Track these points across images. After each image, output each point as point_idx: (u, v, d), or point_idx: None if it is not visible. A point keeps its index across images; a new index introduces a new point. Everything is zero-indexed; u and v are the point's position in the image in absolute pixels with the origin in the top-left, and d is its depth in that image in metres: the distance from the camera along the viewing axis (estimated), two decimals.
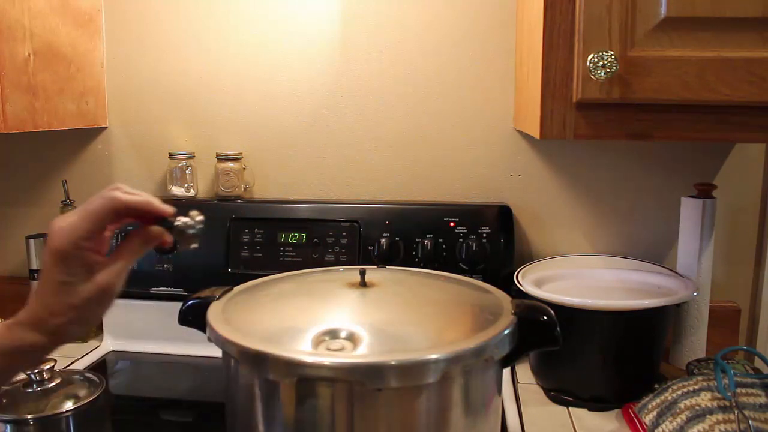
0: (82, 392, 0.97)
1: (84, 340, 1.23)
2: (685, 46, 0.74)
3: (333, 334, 0.65)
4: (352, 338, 0.65)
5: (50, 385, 0.96)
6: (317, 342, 0.64)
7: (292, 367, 0.61)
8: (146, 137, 1.29)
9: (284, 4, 1.21)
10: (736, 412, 0.77)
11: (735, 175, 1.16)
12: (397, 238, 1.12)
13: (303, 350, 0.62)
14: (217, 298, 0.76)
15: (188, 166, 1.24)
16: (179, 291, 1.16)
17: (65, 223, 0.58)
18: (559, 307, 0.79)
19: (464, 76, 1.19)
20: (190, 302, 0.77)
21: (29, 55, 1.07)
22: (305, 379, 0.61)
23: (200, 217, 0.66)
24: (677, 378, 0.88)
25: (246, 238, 1.16)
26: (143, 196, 0.61)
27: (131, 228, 0.64)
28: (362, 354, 0.62)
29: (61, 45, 1.15)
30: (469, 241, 1.10)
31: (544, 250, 1.21)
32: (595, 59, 0.73)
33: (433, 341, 0.66)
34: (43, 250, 0.61)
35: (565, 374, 0.98)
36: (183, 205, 1.19)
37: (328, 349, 0.63)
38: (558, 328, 0.70)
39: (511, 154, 1.20)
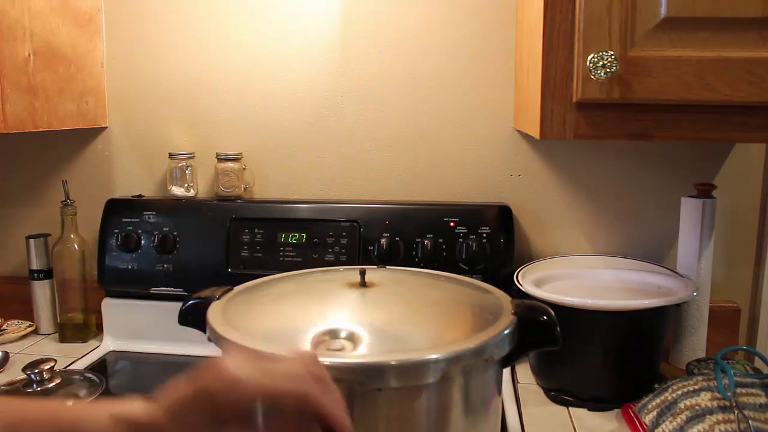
0: (82, 392, 0.97)
1: (84, 340, 1.23)
2: (685, 46, 0.74)
3: (333, 334, 0.65)
4: (352, 338, 0.65)
5: (50, 385, 0.96)
6: (317, 342, 0.64)
7: None
8: (146, 137, 1.29)
9: (284, 4, 1.21)
10: (736, 412, 0.77)
11: (735, 175, 1.16)
12: (397, 238, 1.12)
13: (299, 350, 0.62)
14: (217, 298, 0.77)
15: (188, 166, 1.24)
16: (179, 291, 1.16)
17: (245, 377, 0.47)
18: (559, 307, 0.79)
19: (464, 76, 1.19)
20: (190, 302, 0.77)
21: (29, 55, 1.07)
22: None
23: None
24: (677, 378, 0.88)
25: (246, 238, 1.16)
26: (340, 406, 0.48)
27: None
28: (362, 354, 0.62)
29: (61, 45, 1.15)
30: (469, 241, 1.10)
31: (544, 250, 1.21)
32: (595, 59, 0.73)
33: (433, 341, 0.66)
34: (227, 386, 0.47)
35: (565, 374, 0.98)
36: (183, 206, 1.20)
37: (328, 349, 0.63)
38: (558, 328, 0.71)
39: (511, 154, 1.20)
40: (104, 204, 1.22)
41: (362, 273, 0.79)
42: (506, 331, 0.67)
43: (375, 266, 0.93)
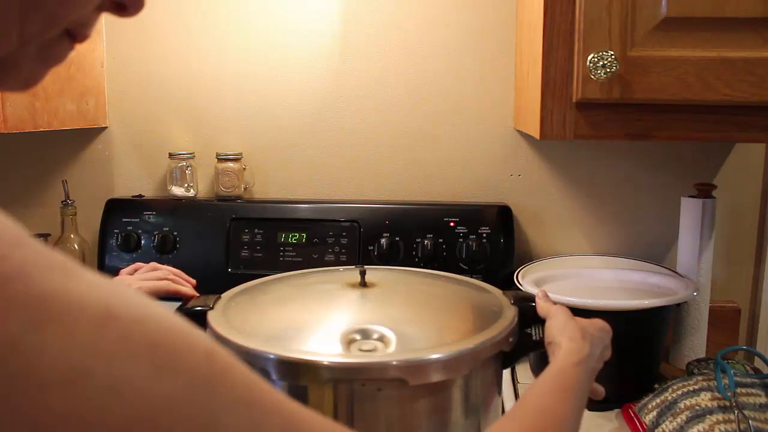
0: None
1: None
2: (685, 46, 0.75)
3: (334, 333, 0.65)
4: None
5: None
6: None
7: (292, 367, 0.61)
8: (146, 137, 1.29)
9: (284, 4, 1.21)
10: (736, 412, 0.77)
11: (735, 175, 1.16)
12: (397, 238, 1.12)
13: (302, 350, 0.62)
14: (211, 308, 0.75)
15: (188, 166, 1.24)
16: None
17: None
18: None
19: (464, 76, 1.19)
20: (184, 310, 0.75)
21: None
22: (305, 379, 0.61)
23: None
24: (677, 378, 0.88)
25: (246, 238, 1.16)
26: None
27: None
28: (362, 354, 0.62)
29: None
30: (469, 241, 1.10)
31: (544, 250, 1.21)
32: (595, 59, 0.73)
33: (433, 341, 0.66)
34: None
35: None
36: (183, 206, 1.20)
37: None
38: None
39: (511, 154, 1.20)
40: (104, 204, 1.22)
41: (362, 273, 0.79)
42: (506, 331, 0.67)
43: (375, 266, 0.92)
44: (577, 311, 0.91)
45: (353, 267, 0.84)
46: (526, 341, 0.71)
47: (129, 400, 0.25)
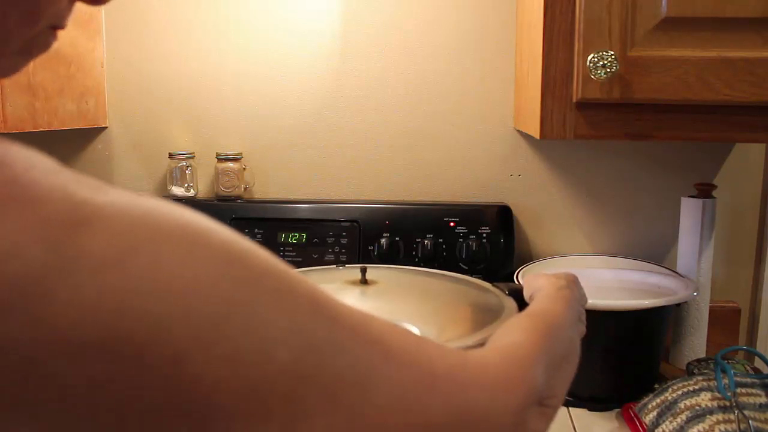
0: None
1: None
2: (685, 46, 0.75)
3: None
4: None
5: None
6: None
7: None
8: (146, 137, 1.29)
9: (284, 4, 1.21)
10: (736, 412, 0.77)
11: (735, 175, 1.16)
12: (397, 238, 1.12)
13: None
14: None
15: (188, 166, 1.24)
16: None
17: None
18: None
19: (464, 76, 1.19)
20: None
21: None
22: None
23: None
24: (677, 378, 0.88)
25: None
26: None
27: None
28: None
29: (60, 45, 1.15)
30: (469, 241, 1.10)
31: (544, 250, 1.21)
32: (596, 59, 0.73)
33: (435, 338, 0.66)
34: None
35: None
36: (183, 205, 1.20)
37: None
38: None
39: (511, 154, 1.20)
40: None
41: (363, 271, 0.79)
42: None
43: (375, 265, 0.92)
44: None
45: (354, 265, 0.84)
46: None
47: (172, 273, 0.28)
